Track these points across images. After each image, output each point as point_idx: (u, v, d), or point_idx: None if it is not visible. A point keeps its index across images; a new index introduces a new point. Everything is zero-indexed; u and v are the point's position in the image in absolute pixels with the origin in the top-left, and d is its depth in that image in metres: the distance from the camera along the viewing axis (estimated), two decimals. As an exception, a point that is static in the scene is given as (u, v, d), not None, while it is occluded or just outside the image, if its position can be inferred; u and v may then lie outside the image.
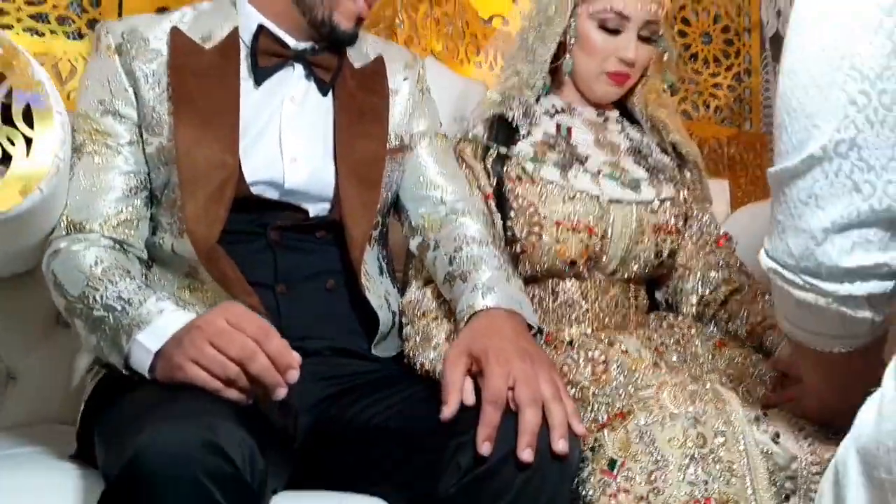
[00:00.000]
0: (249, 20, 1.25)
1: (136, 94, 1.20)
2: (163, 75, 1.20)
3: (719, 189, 2.21)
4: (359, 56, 1.33)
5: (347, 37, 1.26)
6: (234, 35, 1.24)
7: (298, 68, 1.26)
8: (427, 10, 1.99)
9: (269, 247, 1.20)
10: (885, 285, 0.85)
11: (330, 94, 1.27)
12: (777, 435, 1.06)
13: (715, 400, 1.07)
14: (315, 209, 1.23)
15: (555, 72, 1.50)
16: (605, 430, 1.07)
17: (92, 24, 1.72)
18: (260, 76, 1.23)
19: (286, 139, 1.22)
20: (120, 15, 1.74)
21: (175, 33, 1.22)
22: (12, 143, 0.93)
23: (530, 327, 1.14)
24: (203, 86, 1.19)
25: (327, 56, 1.27)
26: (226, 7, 1.28)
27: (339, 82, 1.27)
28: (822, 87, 0.81)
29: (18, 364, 1.43)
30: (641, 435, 1.05)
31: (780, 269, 0.89)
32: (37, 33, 1.70)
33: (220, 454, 0.85)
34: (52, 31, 1.71)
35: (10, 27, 1.67)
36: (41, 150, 0.94)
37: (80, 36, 1.73)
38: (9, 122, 0.94)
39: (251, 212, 1.18)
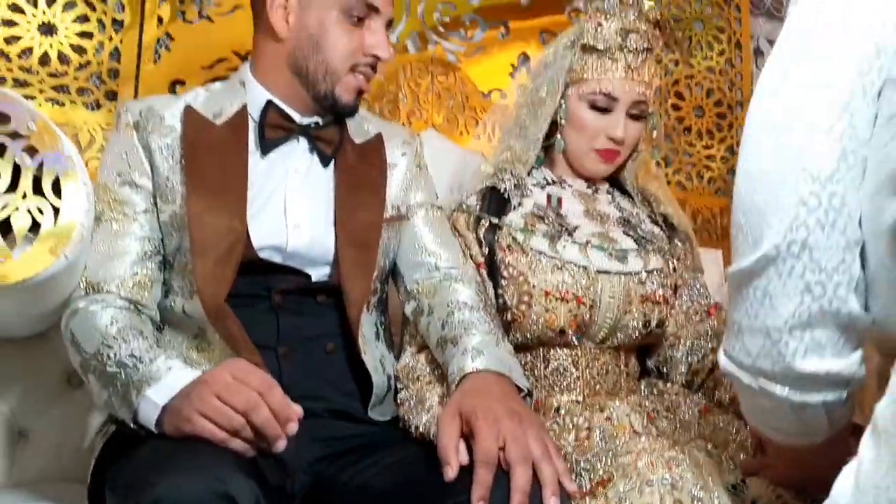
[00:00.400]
0: (258, 97, 1.33)
1: (151, 165, 1.28)
2: (176, 148, 1.28)
3: (712, 259, 2.24)
4: (360, 133, 1.40)
5: (349, 109, 1.34)
6: (243, 111, 1.32)
7: (303, 142, 1.33)
8: (429, 85, 2.06)
9: (272, 309, 1.25)
10: (839, 395, 0.86)
11: (331, 166, 1.34)
12: (753, 502, 1.09)
13: (692, 466, 1.10)
14: (316, 273, 1.29)
15: (547, 148, 1.56)
16: (587, 498, 1.11)
17: (110, 95, 1.81)
18: (267, 147, 1.31)
19: (290, 207, 1.29)
20: (136, 86, 1.82)
21: (188, 111, 1.30)
22: (41, 213, 0.99)
23: (520, 390, 1.18)
24: (214, 158, 1.27)
25: (330, 131, 1.35)
26: (236, 87, 1.36)
27: (340, 155, 1.35)
28: (774, 186, 0.82)
29: (31, 423, 1.48)
30: (620, 501, 1.08)
31: (736, 371, 0.90)
32: (58, 104, 1.77)
33: None
34: (72, 102, 1.78)
35: (32, 98, 1.75)
36: (67, 218, 1.00)
37: (99, 106, 1.81)
38: (38, 192, 1.00)
39: (257, 275, 1.24)
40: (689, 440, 1.26)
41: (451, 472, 1.02)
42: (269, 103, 1.32)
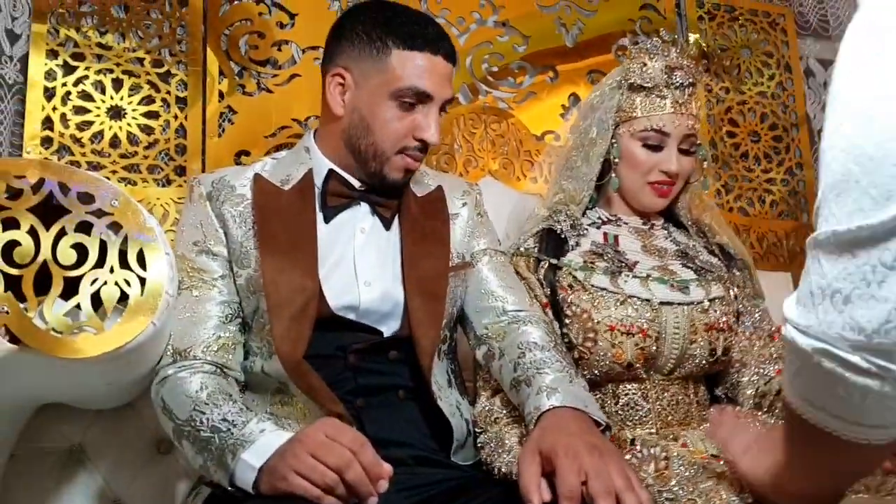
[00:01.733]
0: (321, 164, 1.39)
1: (225, 233, 1.33)
2: (248, 216, 1.33)
3: (782, 281, 2.22)
4: (421, 187, 1.45)
5: (397, 186, 1.38)
6: (308, 176, 1.37)
7: (364, 206, 1.38)
8: (482, 133, 2.09)
9: (348, 368, 1.29)
10: None
11: (396, 221, 1.38)
12: None
13: None
14: (388, 328, 1.32)
15: (600, 187, 1.58)
16: None
17: (179, 170, 1.89)
18: (329, 214, 1.36)
19: (360, 265, 1.33)
20: (203, 160, 1.89)
21: (258, 179, 1.36)
22: (129, 284, 1.04)
23: (598, 424, 1.18)
24: (283, 221, 1.32)
25: (389, 197, 1.39)
26: (301, 154, 1.42)
27: (403, 211, 1.39)
28: None
29: (124, 491, 1.52)
30: None
31: (830, 347, 0.73)
32: (130, 183, 1.85)
33: None
34: (143, 180, 1.86)
35: (106, 179, 1.83)
36: (153, 287, 1.05)
37: (169, 182, 1.88)
38: (125, 265, 1.05)
39: (331, 332, 1.28)
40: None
41: None
42: (331, 172, 1.37)
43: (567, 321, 1.43)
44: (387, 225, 1.38)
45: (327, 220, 1.35)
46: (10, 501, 1.43)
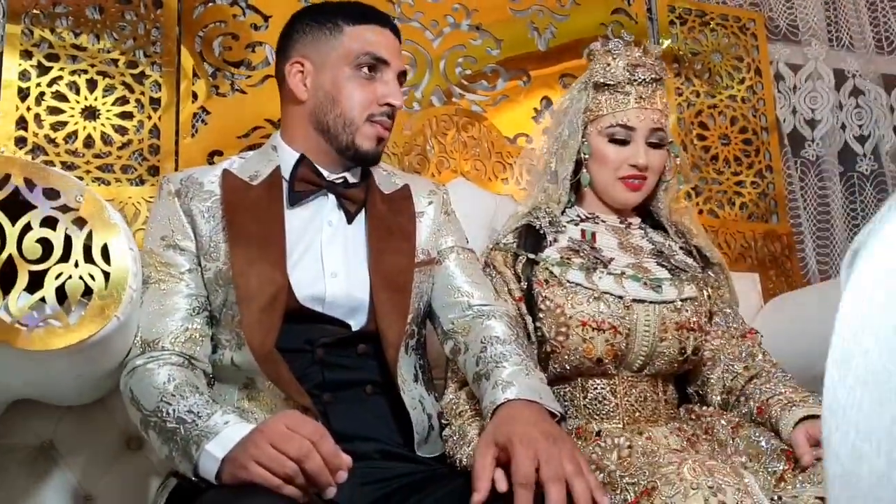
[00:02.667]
0: (288, 158, 1.42)
1: (193, 228, 1.35)
2: (217, 210, 1.36)
3: (750, 283, 2.26)
4: (388, 185, 1.48)
5: (371, 156, 1.42)
6: (276, 172, 1.40)
7: (331, 198, 1.40)
8: (455, 135, 2.12)
9: (315, 363, 1.31)
10: None
11: (362, 217, 1.41)
12: None
13: (733, 474, 1.11)
14: (356, 322, 1.34)
15: (577, 187, 1.62)
16: None
17: (152, 170, 1.90)
18: (295, 199, 1.38)
19: (326, 257, 1.36)
20: (177, 160, 1.91)
21: (226, 175, 1.39)
22: (93, 278, 1.06)
23: (553, 415, 1.21)
24: (252, 215, 1.34)
25: (355, 190, 1.42)
26: (268, 152, 1.45)
27: (370, 206, 1.42)
28: None
29: (95, 487, 1.54)
30: None
31: None
32: (104, 182, 1.87)
33: None
34: (116, 180, 1.88)
35: (80, 178, 1.84)
36: (117, 282, 1.07)
37: (142, 182, 1.90)
38: (89, 260, 1.07)
39: (300, 324, 1.29)
40: (726, 458, 1.27)
41: (477, 497, 1.06)
42: (301, 158, 1.40)
43: (541, 315, 1.45)
44: (349, 219, 1.40)
45: (292, 203, 1.37)
46: (-19, 497, 1.45)
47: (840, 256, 2.64)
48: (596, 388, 1.45)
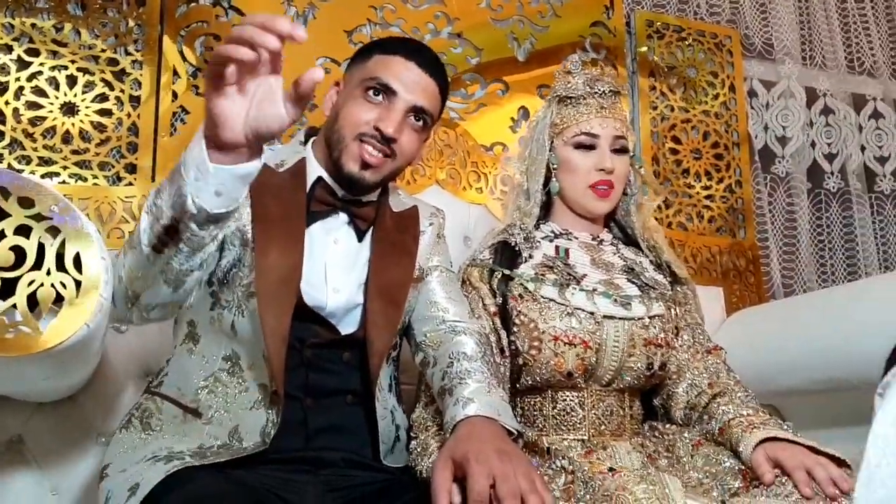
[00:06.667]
0: (311, 173, 1.43)
1: None
2: None
3: (713, 296, 2.31)
4: (398, 204, 1.53)
5: (355, 180, 1.38)
6: (302, 162, 1.42)
7: (342, 216, 1.43)
8: (431, 143, 2.14)
9: (303, 363, 1.33)
10: None
11: (369, 235, 1.44)
12: None
13: (661, 497, 1.16)
14: (345, 328, 1.38)
15: (550, 201, 1.67)
16: None
17: (129, 168, 1.92)
18: (311, 219, 1.39)
19: (330, 274, 1.38)
20: (154, 158, 1.93)
21: None
22: (64, 287, 1.09)
23: (510, 433, 1.24)
24: (276, 197, 1.36)
25: (367, 209, 1.44)
26: (295, 146, 1.48)
27: (378, 224, 1.45)
28: None
29: (63, 482, 1.56)
30: None
31: None
32: (81, 179, 1.89)
33: None
34: (94, 177, 1.89)
35: (57, 174, 1.86)
36: (88, 290, 1.09)
37: (119, 180, 1.91)
38: (62, 268, 1.09)
39: (294, 320, 1.30)
40: (683, 474, 1.32)
41: None
42: (318, 180, 1.41)
43: (515, 329, 1.50)
44: (360, 237, 1.43)
45: (308, 224, 1.39)
46: (-52, 491, 1.47)
47: (805, 272, 2.70)
48: (565, 401, 1.50)
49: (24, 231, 1.08)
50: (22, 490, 1.54)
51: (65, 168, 1.88)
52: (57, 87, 1.90)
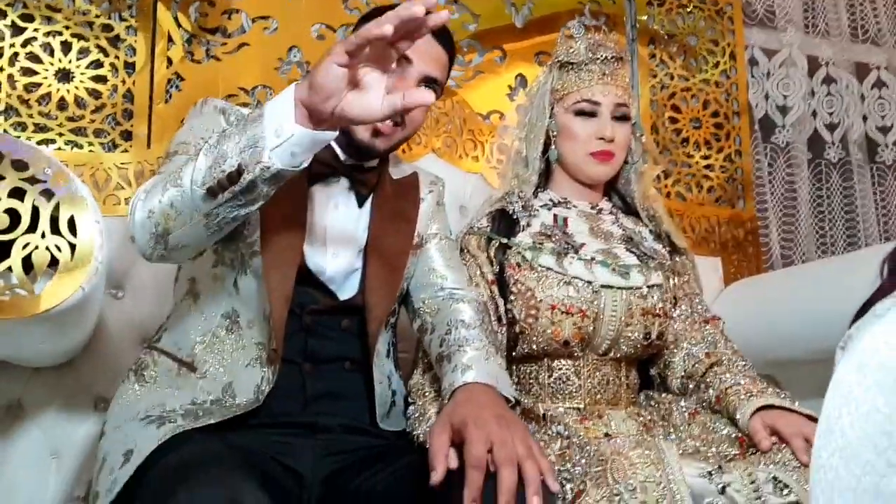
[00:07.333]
0: None
1: None
2: None
3: (711, 266, 2.30)
4: (398, 171, 1.52)
5: (364, 146, 1.38)
6: None
7: (343, 181, 1.41)
8: (427, 111, 2.14)
9: (302, 329, 1.33)
10: None
11: (369, 201, 1.43)
12: (724, 488, 1.15)
13: (657, 462, 1.17)
14: (344, 294, 1.38)
15: (548, 171, 1.66)
16: None
17: (125, 135, 1.91)
18: (311, 180, 1.37)
19: (330, 238, 1.38)
20: (150, 125, 1.92)
21: None
22: (59, 250, 1.08)
23: (508, 400, 1.25)
24: None
25: (369, 175, 1.43)
26: None
27: (379, 190, 1.44)
28: None
29: (62, 445, 1.57)
30: None
31: None
32: (76, 146, 1.87)
33: None
34: (89, 143, 1.88)
35: (52, 141, 1.86)
36: (83, 254, 1.09)
37: (115, 147, 1.90)
38: (56, 231, 1.09)
39: (296, 283, 1.30)
40: (679, 441, 1.33)
41: (435, 477, 1.08)
42: None
43: (512, 297, 1.49)
44: (360, 202, 1.42)
45: (309, 185, 1.38)
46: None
47: (804, 243, 2.70)
48: (561, 369, 1.50)
49: (18, 194, 1.08)
50: (23, 453, 1.55)
51: (60, 135, 1.87)
52: (52, 54, 1.88)
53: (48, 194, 1.09)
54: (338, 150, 1.41)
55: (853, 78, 2.80)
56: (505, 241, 1.55)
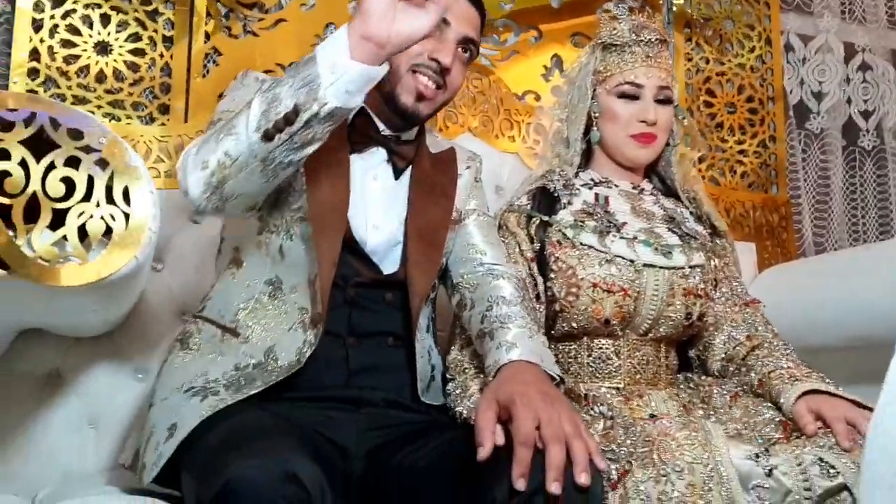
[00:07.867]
0: None
1: None
2: None
3: (746, 251, 2.28)
4: (435, 147, 1.52)
5: (409, 113, 1.38)
6: None
7: (382, 152, 1.42)
8: (464, 90, 2.10)
9: (346, 302, 1.34)
10: None
11: (407, 173, 1.43)
12: (770, 470, 1.15)
13: (706, 445, 1.17)
14: (387, 268, 1.38)
15: (589, 152, 1.65)
16: (611, 492, 1.16)
17: (162, 109, 1.91)
18: (350, 149, 1.38)
19: (370, 210, 1.38)
20: (187, 99, 1.92)
21: None
22: (113, 219, 1.09)
23: (553, 378, 1.24)
24: None
25: (407, 147, 1.43)
26: None
27: (416, 164, 1.44)
28: None
29: (100, 414, 1.59)
30: (638, 492, 1.15)
31: None
32: (114, 118, 1.88)
33: (298, 484, 0.97)
34: (127, 117, 1.89)
35: (91, 113, 1.86)
36: (137, 223, 1.10)
37: (152, 120, 1.91)
38: (110, 200, 1.09)
39: (342, 254, 1.32)
40: (721, 424, 1.32)
41: (483, 453, 1.07)
42: (361, 110, 1.39)
43: (552, 276, 1.49)
44: (397, 174, 1.42)
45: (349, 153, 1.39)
46: (-11, 423, 1.49)
47: (836, 230, 2.68)
48: (601, 348, 1.50)
49: (73, 163, 1.08)
50: (62, 421, 1.57)
51: (99, 108, 1.87)
52: (91, 26, 1.88)
53: (103, 164, 1.09)
54: (377, 121, 1.41)
55: (889, 65, 2.77)
56: (546, 218, 1.54)
